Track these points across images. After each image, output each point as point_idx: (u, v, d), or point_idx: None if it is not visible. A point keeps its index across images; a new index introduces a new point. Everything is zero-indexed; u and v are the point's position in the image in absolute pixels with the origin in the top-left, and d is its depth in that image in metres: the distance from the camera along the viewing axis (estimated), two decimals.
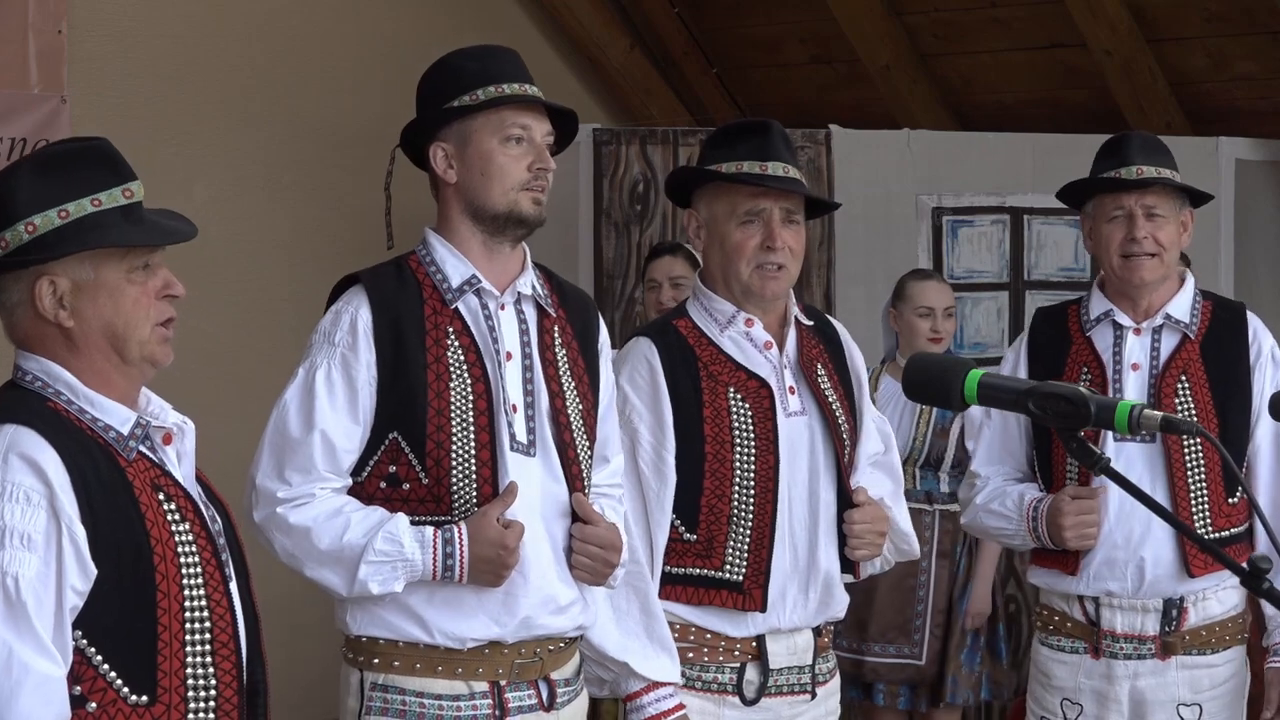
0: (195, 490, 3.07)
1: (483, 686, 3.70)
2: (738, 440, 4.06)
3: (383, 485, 3.68)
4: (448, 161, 3.77)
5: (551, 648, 3.78)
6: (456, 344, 3.71)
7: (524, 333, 3.78)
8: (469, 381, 3.69)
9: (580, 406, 3.83)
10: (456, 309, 3.73)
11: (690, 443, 4.07)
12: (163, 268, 3.03)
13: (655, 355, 4.10)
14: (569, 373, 3.82)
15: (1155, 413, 2.80)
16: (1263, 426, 4.54)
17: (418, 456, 3.66)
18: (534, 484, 3.72)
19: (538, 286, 3.83)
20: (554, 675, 3.78)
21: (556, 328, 3.84)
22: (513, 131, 3.75)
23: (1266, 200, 7.58)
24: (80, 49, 6.99)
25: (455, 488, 3.66)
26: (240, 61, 7.45)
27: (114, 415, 2.98)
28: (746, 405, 4.08)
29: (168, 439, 3.05)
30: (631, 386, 4.09)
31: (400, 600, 3.67)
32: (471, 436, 3.67)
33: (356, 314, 3.69)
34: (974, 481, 4.69)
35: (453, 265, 3.76)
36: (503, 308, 3.77)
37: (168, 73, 7.25)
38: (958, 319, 6.62)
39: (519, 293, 3.80)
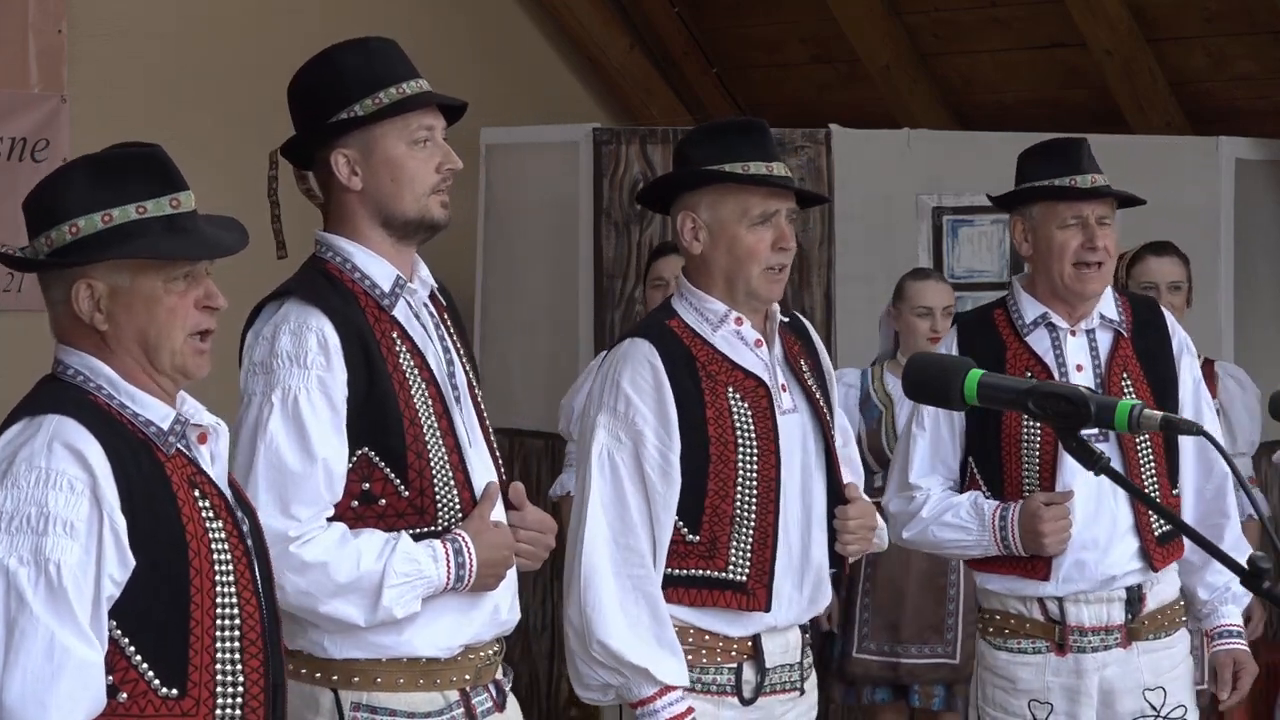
0: (227, 491, 3.10)
1: (455, 695, 3.63)
2: (740, 440, 4.05)
3: (354, 504, 3.55)
4: (351, 168, 3.65)
5: (497, 648, 3.74)
6: (402, 348, 3.61)
7: (438, 327, 3.71)
8: (423, 385, 3.60)
9: (480, 391, 3.78)
10: (394, 314, 3.63)
11: (695, 444, 4.03)
12: (206, 279, 3.07)
13: (657, 357, 4.05)
14: (466, 358, 3.77)
15: (1155, 413, 2.80)
16: (1187, 416, 4.56)
17: (396, 470, 3.55)
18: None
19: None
20: (498, 676, 3.74)
21: (448, 314, 3.78)
22: (419, 134, 3.64)
23: (1266, 200, 7.58)
24: (80, 49, 7.00)
25: (439, 495, 3.58)
26: (240, 61, 7.45)
27: (154, 411, 3.01)
28: (746, 405, 4.07)
29: (203, 438, 3.08)
30: (634, 389, 4.04)
31: None
32: (440, 441, 3.59)
33: (323, 334, 3.55)
34: (912, 495, 4.62)
35: (377, 269, 3.64)
36: (420, 305, 3.69)
37: (168, 73, 7.25)
38: None
39: (429, 286, 3.73)
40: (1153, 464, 4.53)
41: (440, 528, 3.59)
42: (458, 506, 3.60)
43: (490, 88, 7.71)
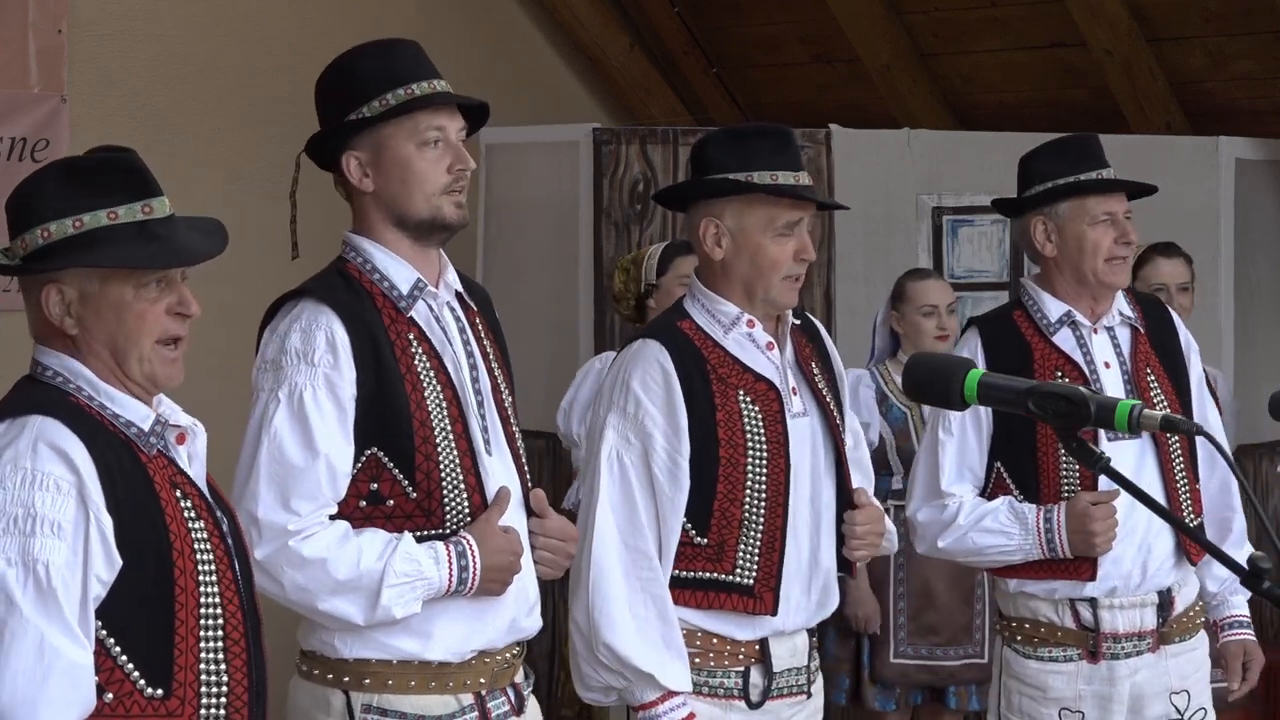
0: (206, 492, 3.09)
1: (469, 699, 3.63)
2: (750, 444, 4.03)
3: (362, 504, 3.55)
4: (363, 170, 3.65)
5: (515, 651, 3.73)
6: (419, 351, 3.60)
7: (462, 331, 3.70)
8: (439, 388, 3.60)
9: (510, 400, 3.77)
10: (411, 316, 3.63)
11: (705, 447, 4.01)
12: (181, 285, 3.03)
13: (668, 358, 4.02)
14: (496, 366, 3.76)
15: (1155, 412, 2.81)
16: (1194, 413, 4.59)
17: (404, 471, 3.55)
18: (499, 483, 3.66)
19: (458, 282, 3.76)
20: (516, 679, 3.73)
21: (478, 321, 3.76)
22: (428, 135, 3.63)
23: (1266, 200, 7.58)
24: (80, 49, 7.00)
25: (447, 498, 3.57)
26: (240, 61, 7.45)
27: (133, 411, 3.00)
28: (757, 408, 4.05)
29: (181, 439, 3.07)
30: (644, 390, 4.01)
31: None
32: (453, 444, 3.58)
33: (332, 332, 3.55)
34: (945, 503, 4.56)
35: (396, 271, 3.64)
36: (443, 308, 3.69)
37: (168, 73, 7.25)
38: (959, 318, 6.62)
39: (454, 290, 3.72)
40: (1182, 459, 4.52)
41: (448, 531, 3.57)
42: (467, 511, 3.59)
43: (490, 88, 7.69)
